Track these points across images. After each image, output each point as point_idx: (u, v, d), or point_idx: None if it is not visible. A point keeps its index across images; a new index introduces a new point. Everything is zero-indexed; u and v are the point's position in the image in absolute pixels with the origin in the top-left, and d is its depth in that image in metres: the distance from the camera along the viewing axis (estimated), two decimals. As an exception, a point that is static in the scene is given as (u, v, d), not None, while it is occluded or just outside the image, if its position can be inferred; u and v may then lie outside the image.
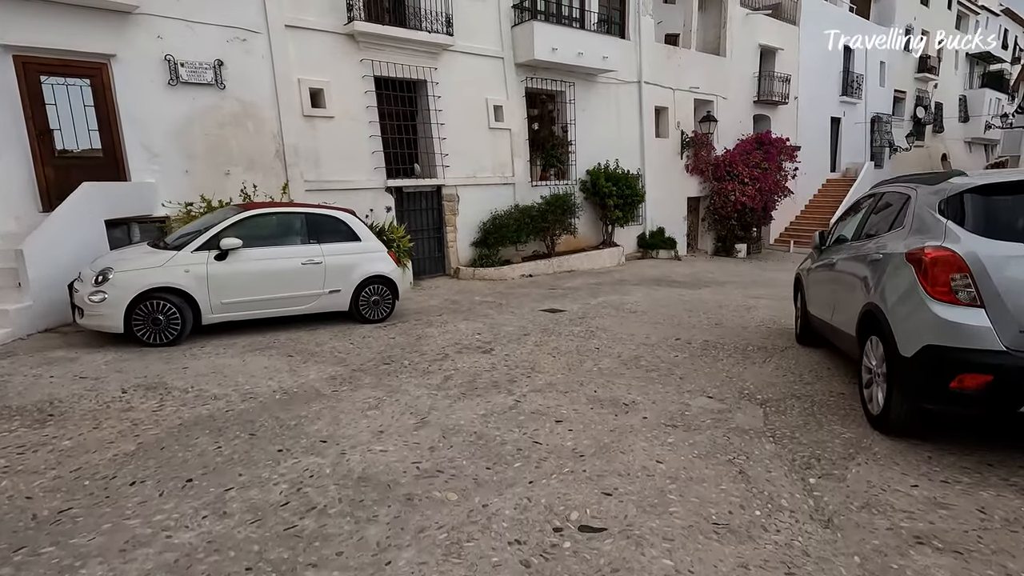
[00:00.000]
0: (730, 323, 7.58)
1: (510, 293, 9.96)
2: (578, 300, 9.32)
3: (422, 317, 7.82)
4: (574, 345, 6.24)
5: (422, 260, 11.28)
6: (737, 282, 12.00)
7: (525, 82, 12.32)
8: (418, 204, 11.13)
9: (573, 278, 11.82)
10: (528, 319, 7.73)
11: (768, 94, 18.18)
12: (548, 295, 9.80)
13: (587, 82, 13.49)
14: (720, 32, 16.98)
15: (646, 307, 8.77)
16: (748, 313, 8.35)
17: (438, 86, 10.97)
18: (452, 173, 11.33)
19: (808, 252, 6.81)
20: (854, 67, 22.16)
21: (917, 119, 26.93)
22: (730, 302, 9.36)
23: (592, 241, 14.07)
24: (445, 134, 11.11)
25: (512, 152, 12.27)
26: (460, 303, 8.96)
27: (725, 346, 6.20)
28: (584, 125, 13.50)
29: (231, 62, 8.82)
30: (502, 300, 9.28)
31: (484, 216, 11.78)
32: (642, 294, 10.06)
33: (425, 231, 11.28)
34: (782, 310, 8.62)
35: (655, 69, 14.91)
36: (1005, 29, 35.28)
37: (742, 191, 16.07)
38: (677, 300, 9.50)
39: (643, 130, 14.83)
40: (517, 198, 12.35)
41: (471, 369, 5.26)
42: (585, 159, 13.54)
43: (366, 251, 7.20)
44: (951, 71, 29.78)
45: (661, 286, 11.13)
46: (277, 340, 6.28)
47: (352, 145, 10.06)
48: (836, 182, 21.46)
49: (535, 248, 12.72)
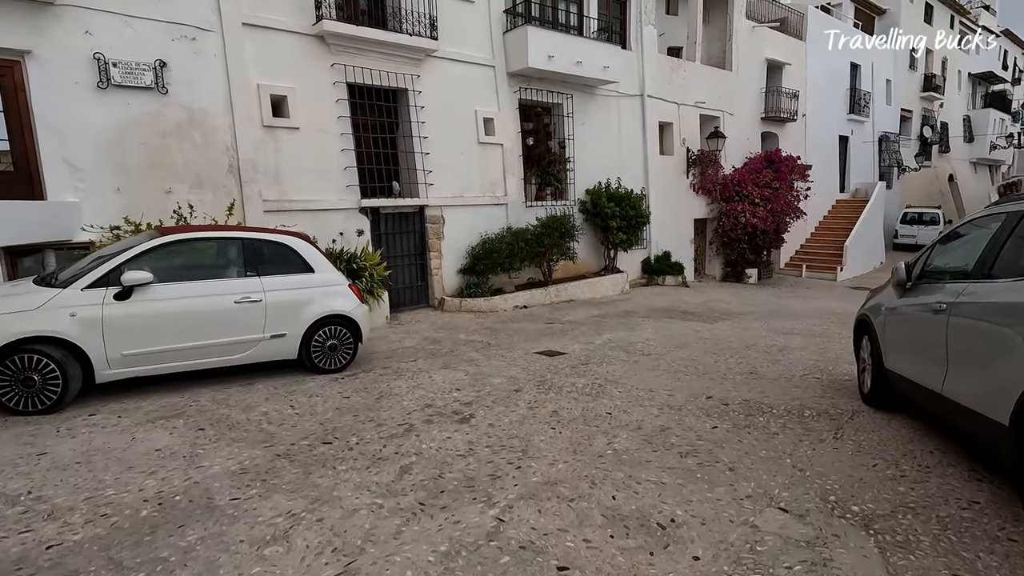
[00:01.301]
0: (767, 371, 6.14)
1: (501, 329, 8.53)
2: (580, 338, 7.88)
3: (392, 363, 6.37)
4: (579, 408, 4.79)
5: (402, 290, 9.85)
6: (755, 312, 10.60)
7: (518, 93, 11.06)
8: (398, 227, 9.74)
9: (573, 309, 10.40)
10: (521, 366, 6.28)
11: (776, 110, 17.03)
12: (545, 331, 8.37)
13: (586, 94, 12.25)
14: (725, 45, 15.87)
15: (660, 347, 7.34)
16: (784, 356, 6.92)
17: (421, 95, 9.68)
18: (437, 192, 9.98)
19: (872, 288, 5.41)
20: (861, 84, 21.12)
21: (924, 139, 25.89)
22: (757, 340, 7.94)
23: (593, 267, 12.69)
24: (429, 149, 9.78)
25: (504, 169, 10.95)
26: (441, 343, 7.51)
27: (774, 409, 4.75)
28: (583, 140, 12.23)
29: (176, 63, 7.49)
30: (491, 338, 7.84)
31: (473, 240, 10.40)
32: (653, 329, 8.63)
33: (405, 257, 9.88)
34: (821, 351, 7.20)
35: (659, 82, 13.71)
36: (1005, 50, 34.62)
37: (753, 212, 14.77)
38: (694, 337, 8.07)
39: (647, 146, 13.57)
40: (510, 220, 10.99)
41: (439, 455, 3.80)
42: (585, 177, 12.23)
43: (321, 285, 5.77)
44: (955, 91, 28.89)
45: (673, 318, 9.71)
46: (197, 402, 4.82)
47: (320, 160, 8.71)
48: (846, 203, 20.24)
49: (530, 275, 11.32)
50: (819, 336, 8.36)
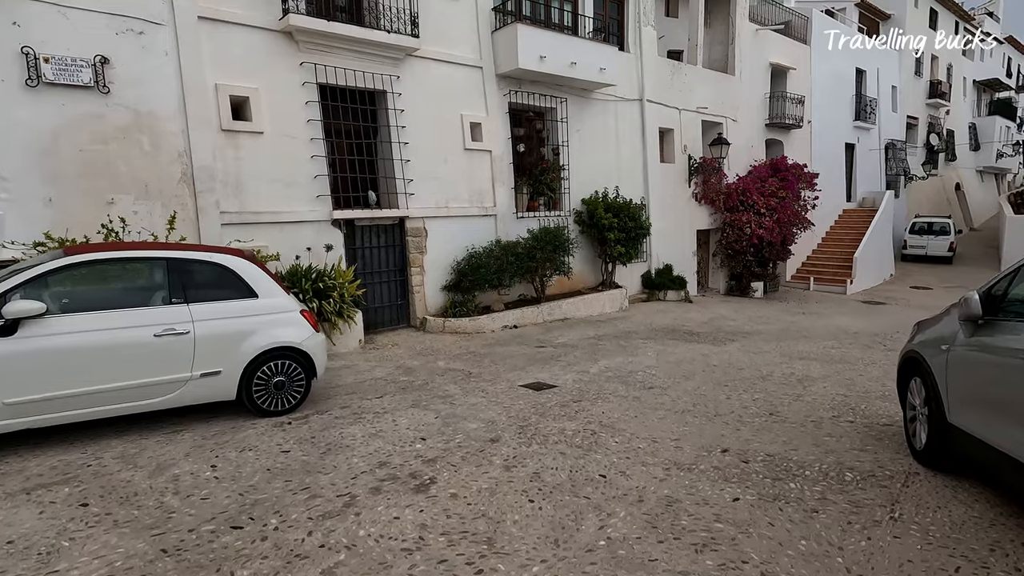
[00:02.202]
0: (789, 411, 5.22)
1: (486, 354, 7.62)
2: (573, 366, 6.97)
3: (354, 400, 5.46)
4: (567, 468, 3.87)
5: (379, 309, 8.96)
6: (766, 332, 9.68)
7: (508, 96, 10.22)
8: (375, 240, 8.86)
9: (567, 329, 9.49)
10: (503, 404, 5.37)
11: (781, 116, 16.20)
12: (535, 357, 7.46)
13: (582, 98, 11.41)
14: (728, 49, 15.06)
15: (663, 378, 6.42)
16: (805, 390, 6.00)
17: (401, 98, 8.83)
18: (418, 203, 9.11)
19: (917, 324, 4.52)
20: (866, 90, 20.33)
21: (930, 146, 25.07)
22: (771, 367, 7.02)
23: (590, 282, 11.80)
24: (410, 156, 8.92)
25: (493, 178, 10.08)
26: (416, 373, 6.60)
27: (807, 470, 3.83)
28: (579, 147, 11.38)
29: (120, 60, 6.65)
30: (474, 366, 6.93)
31: (458, 254, 9.52)
32: (655, 354, 7.72)
33: (384, 273, 8.99)
34: (847, 383, 6.28)
35: (659, 86, 12.89)
36: (1009, 57, 33.92)
37: (758, 223, 13.89)
38: (701, 364, 7.16)
39: (646, 154, 12.72)
40: (499, 232, 10.11)
41: (378, 548, 2.88)
42: (580, 186, 11.37)
43: (266, 312, 4.87)
44: (960, 98, 28.12)
45: (677, 340, 8.80)
46: (99, 460, 3.91)
47: (288, 168, 7.85)
48: (854, 213, 19.37)
49: (521, 292, 10.43)
50: (839, 362, 7.44)
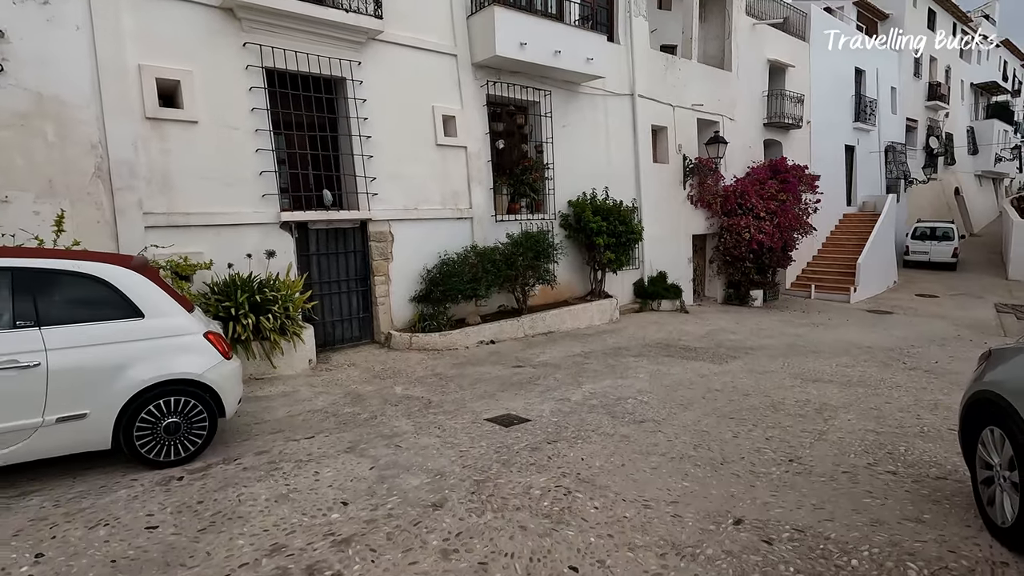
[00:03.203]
0: (812, 456, 4.19)
1: (454, 376, 6.57)
2: (553, 391, 5.93)
3: (277, 442, 4.40)
4: (524, 557, 2.82)
5: (338, 323, 7.90)
6: (770, 348, 8.67)
7: (486, 87, 9.22)
8: (332, 245, 7.81)
9: (551, 344, 8.45)
10: (459, 448, 4.32)
11: (779, 116, 15.28)
12: (510, 379, 6.42)
13: (568, 91, 10.43)
14: (724, 44, 14.14)
15: (658, 408, 5.39)
16: (827, 424, 4.98)
17: (363, 87, 7.81)
18: (383, 204, 8.07)
19: (987, 355, 3.51)
20: (866, 91, 19.49)
21: (930, 150, 24.26)
22: (782, 392, 6.00)
23: (577, 291, 10.77)
24: (373, 151, 7.90)
25: (469, 177, 9.06)
26: (366, 402, 5.54)
27: (851, 557, 2.79)
28: (565, 145, 10.38)
29: (19, 33, 5.60)
30: (436, 392, 5.88)
31: (429, 261, 8.48)
32: (648, 376, 6.69)
33: (343, 283, 7.94)
34: (875, 414, 5.25)
35: (651, 81, 11.94)
36: (1005, 61, 33.30)
37: (758, 227, 12.93)
38: (701, 389, 6.13)
39: (638, 153, 11.74)
40: (476, 237, 9.08)
41: None
42: (566, 187, 10.36)
43: (156, 335, 3.82)
44: (958, 101, 27.38)
45: (672, 357, 7.79)
46: None
47: (228, 163, 6.80)
48: (854, 217, 18.47)
49: (501, 303, 9.39)
50: (859, 385, 6.43)
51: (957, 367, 7.53)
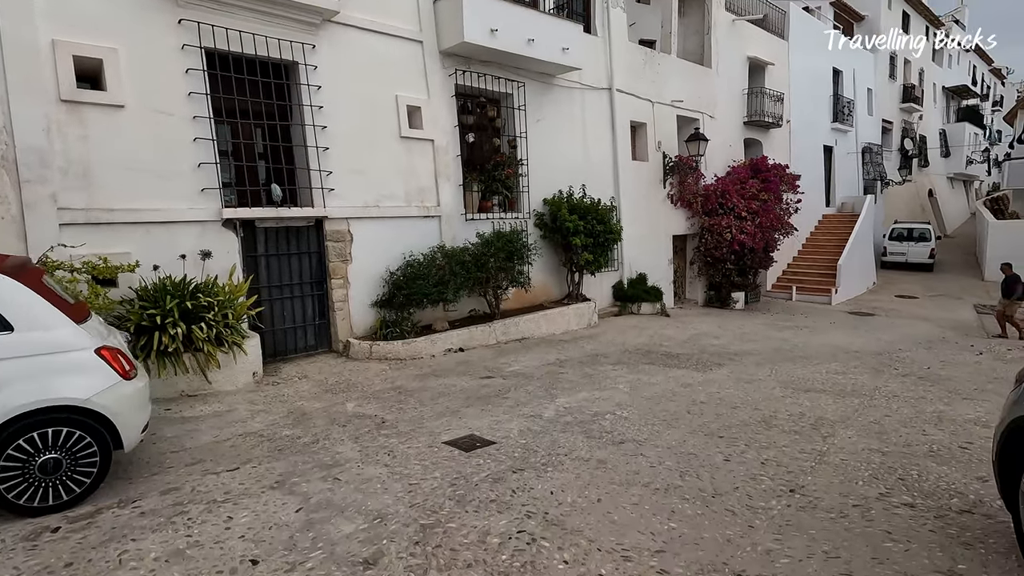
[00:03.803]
0: (816, 485, 3.63)
1: (416, 390, 5.91)
2: (523, 406, 5.32)
3: (192, 475, 3.70)
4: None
5: (290, 331, 7.18)
6: (756, 353, 8.18)
7: (455, 77, 8.58)
8: (284, 246, 7.09)
9: (524, 352, 7.84)
10: (409, 480, 3.67)
11: (759, 114, 14.92)
12: (477, 392, 5.78)
13: (542, 84, 9.85)
14: (703, 39, 13.72)
15: (638, 425, 4.80)
16: (826, 442, 4.44)
17: (318, 72, 7.11)
18: (341, 200, 7.38)
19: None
20: (843, 91, 19.31)
21: (905, 151, 24.29)
22: (775, 405, 5.46)
23: (553, 294, 10.18)
24: (329, 143, 7.21)
25: (436, 173, 8.41)
26: (310, 422, 4.86)
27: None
28: (540, 140, 9.79)
29: (-98, 0, 4.81)
30: (392, 410, 5.22)
31: (392, 263, 7.81)
32: (627, 387, 6.11)
33: (296, 286, 7.22)
34: (877, 430, 4.73)
35: (630, 75, 11.43)
36: (974, 66, 33.76)
37: (739, 227, 12.50)
38: (686, 401, 5.57)
39: (616, 150, 11.21)
40: (444, 237, 8.43)
41: None
42: (542, 185, 9.77)
43: (28, 352, 3.11)
44: (931, 104, 27.55)
45: (653, 364, 7.23)
46: None
47: (161, 153, 6.05)
48: (833, 218, 18.24)
49: (472, 307, 8.76)
50: (853, 395, 5.93)
51: (950, 372, 7.11)
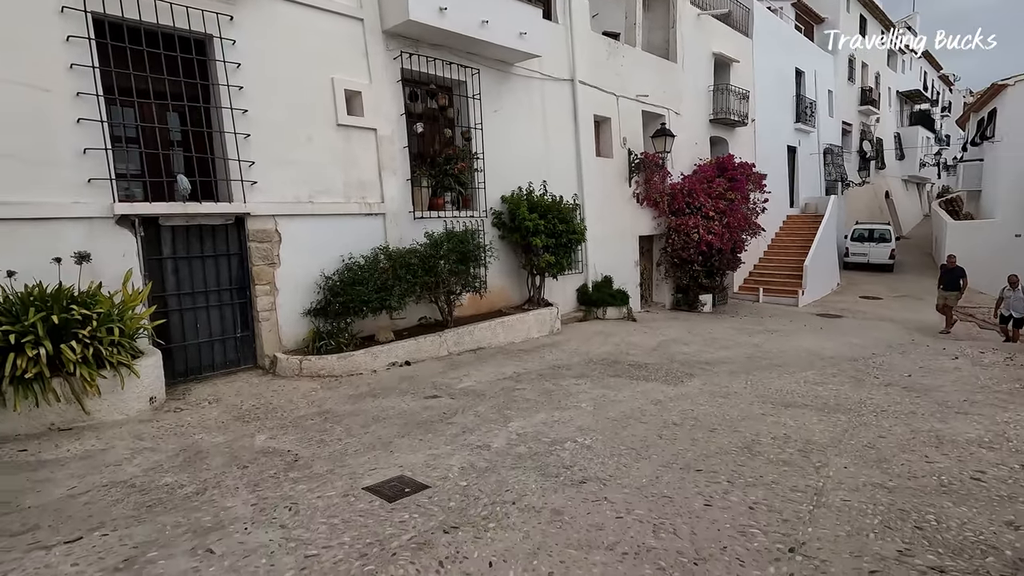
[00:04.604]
0: (821, 541, 2.91)
1: (345, 414, 5.03)
2: (469, 434, 4.50)
3: (12, 550, 2.75)
4: None
5: (205, 346, 6.18)
6: (729, 362, 7.56)
7: (400, 60, 7.72)
8: (196, 247, 6.09)
9: (479, 364, 7.02)
10: (310, 548, 2.81)
11: (725, 112, 14.50)
12: (417, 418, 4.94)
13: (500, 72, 9.07)
14: (669, 33, 13.19)
15: (604, 456, 4.04)
16: (821, 475, 3.76)
17: (236, 49, 6.16)
18: (267, 195, 6.42)
19: None
20: (805, 92, 19.18)
21: (863, 153, 24.48)
22: (756, 425, 4.78)
23: (513, 299, 9.40)
24: (251, 129, 6.25)
25: (380, 165, 7.53)
26: (204, 462, 3.93)
27: None
28: (497, 133, 9.01)
29: None
30: (309, 443, 4.33)
31: (329, 265, 6.88)
32: (592, 405, 5.36)
33: (212, 294, 6.22)
34: (875, 455, 4.08)
35: (593, 66, 10.75)
36: (925, 72, 34.58)
37: (707, 228, 11.98)
38: (657, 423, 4.85)
39: (580, 145, 10.51)
40: (389, 237, 7.55)
41: None
42: (499, 181, 8.98)
43: None
44: (886, 108, 27.95)
45: (620, 376, 6.51)
46: None
47: (31, 135, 5.01)
48: (798, 219, 18.04)
49: (423, 314, 7.90)
50: (838, 411, 5.32)
51: (933, 381, 6.62)
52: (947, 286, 11.16)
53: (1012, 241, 17.11)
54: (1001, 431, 4.65)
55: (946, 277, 11.23)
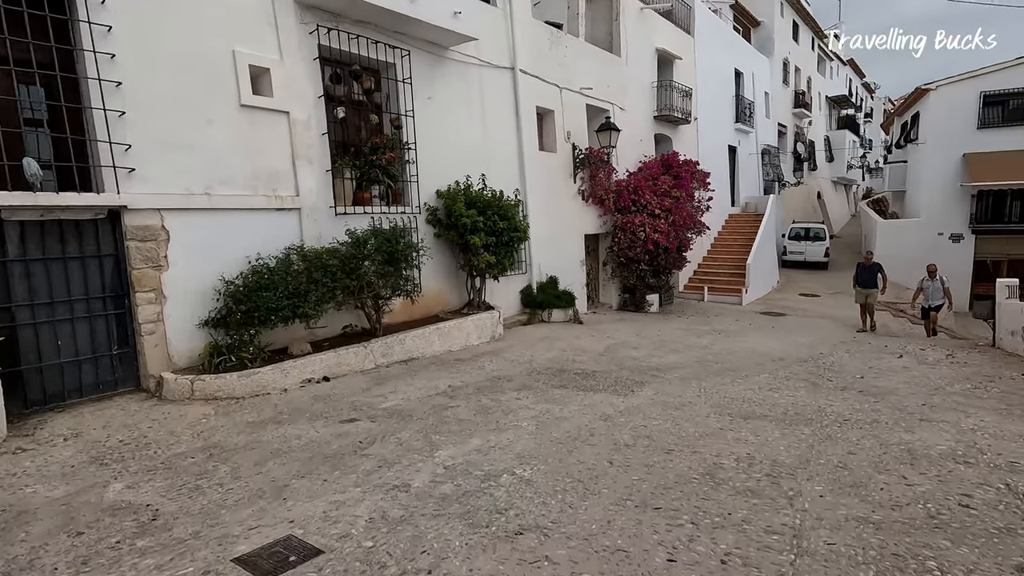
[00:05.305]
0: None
1: (237, 449, 4.12)
2: (386, 470, 3.71)
3: None
4: None
5: (70, 367, 5.08)
6: (680, 367, 7.08)
7: (317, 35, 6.79)
8: (55, 246, 4.99)
9: (409, 378, 6.21)
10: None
11: (669, 109, 14.23)
12: (325, 450, 4.10)
13: (433, 56, 8.26)
14: (612, 26, 12.75)
15: (546, 495, 3.35)
16: (795, 509, 3.20)
17: (107, 8, 5.09)
18: (150, 185, 5.38)
19: None
20: (744, 93, 19.35)
21: (798, 155, 25.13)
22: (716, 445, 4.22)
23: (451, 303, 8.62)
24: (128, 106, 5.20)
25: (294, 154, 6.57)
26: (26, 528, 2.98)
27: None
28: (432, 122, 8.21)
29: None
30: (180, 491, 3.42)
31: (231, 268, 5.88)
32: (534, 424, 4.68)
33: (78, 304, 5.13)
34: (851, 480, 3.59)
35: (535, 55, 10.12)
36: (850, 79, 36.17)
37: (654, 226, 11.59)
38: (607, 444, 4.21)
39: (522, 138, 9.85)
40: (306, 235, 6.62)
41: None
42: (434, 174, 8.19)
43: None
44: (817, 111, 28.90)
45: (567, 388, 5.87)
46: None
47: None
48: (739, 218, 18.12)
49: (349, 322, 7.01)
50: (800, 421, 4.86)
51: (886, 383, 6.34)
52: (864, 283, 10.96)
53: (936, 239, 17.81)
54: (971, 441, 4.29)
55: (864, 274, 11.00)
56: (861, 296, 11.08)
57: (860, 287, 11.05)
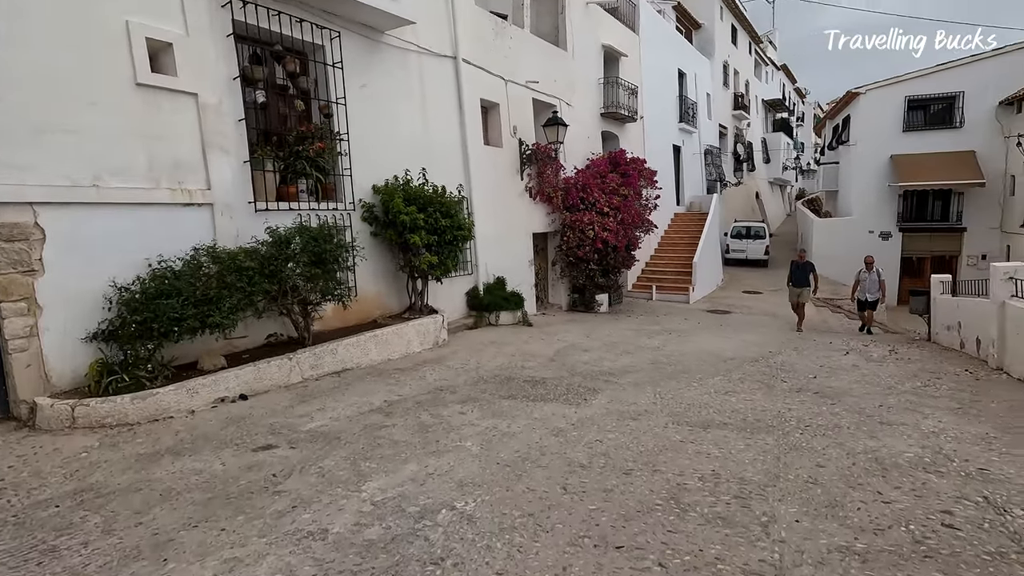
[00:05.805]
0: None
1: (118, 492, 3.39)
2: (301, 511, 3.09)
3: None
4: None
5: (-92, 396, 4.15)
6: (633, 370, 6.73)
7: (230, 8, 6.01)
8: None
9: (339, 394, 5.55)
10: None
11: (616, 106, 14.04)
12: (230, 488, 3.43)
13: (368, 40, 7.59)
14: (558, 20, 12.40)
15: (490, 538, 2.83)
16: (771, 540, 2.82)
17: (-43, -41, 4.19)
18: (18, 175, 4.51)
19: None
20: (688, 93, 19.52)
21: (737, 155, 25.74)
22: (678, 461, 3.84)
23: (390, 307, 7.97)
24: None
25: (204, 142, 5.77)
26: None
27: None
28: (367, 112, 7.54)
29: None
30: (27, 556, 2.68)
31: (126, 272, 5.05)
32: (479, 444, 4.16)
33: (-80, 319, 4.21)
34: (823, 501, 3.26)
35: (479, 46, 9.59)
36: (783, 83, 37.59)
37: (602, 224, 11.32)
38: (561, 465, 3.74)
39: (465, 132, 9.30)
40: (220, 234, 5.83)
41: None
42: (370, 168, 7.52)
43: None
44: (755, 114, 29.78)
45: (515, 398, 5.38)
46: None
47: None
48: (685, 217, 18.23)
49: (274, 331, 6.26)
50: (760, 428, 4.57)
51: (838, 383, 6.21)
52: (797, 282, 10.89)
53: (868, 237, 18.52)
54: (936, 446, 4.09)
55: (796, 273, 10.92)
56: (794, 295, 11.04)
57: (793, 285, 11.03)
